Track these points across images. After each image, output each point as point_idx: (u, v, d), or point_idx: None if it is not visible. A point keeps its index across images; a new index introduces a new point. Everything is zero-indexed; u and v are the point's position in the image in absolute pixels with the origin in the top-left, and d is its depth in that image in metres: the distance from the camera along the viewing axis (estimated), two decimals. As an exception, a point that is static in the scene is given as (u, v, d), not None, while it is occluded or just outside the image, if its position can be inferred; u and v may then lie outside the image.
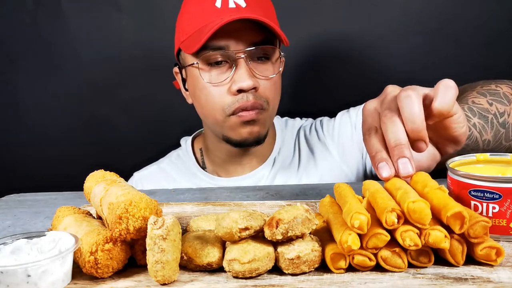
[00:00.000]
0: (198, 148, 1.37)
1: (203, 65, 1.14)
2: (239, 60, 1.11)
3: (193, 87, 1.20)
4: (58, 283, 0.64)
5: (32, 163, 1.73)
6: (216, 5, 1.11)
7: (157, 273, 0.63)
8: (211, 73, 1.14)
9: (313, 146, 1.34)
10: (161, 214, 0.70)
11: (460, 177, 0.74)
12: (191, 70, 1.18)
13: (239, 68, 1.12)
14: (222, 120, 1.16)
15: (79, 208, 0.82)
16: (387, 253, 0.65)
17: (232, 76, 1.12)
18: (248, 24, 1.10)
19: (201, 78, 1.15)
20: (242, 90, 1.12)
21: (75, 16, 1.63)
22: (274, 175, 1.30)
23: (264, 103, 1.15)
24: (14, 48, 1.66)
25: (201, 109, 1.20)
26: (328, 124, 1.35)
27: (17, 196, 1.17)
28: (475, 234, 0.64)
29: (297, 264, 0.65)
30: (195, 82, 1.17)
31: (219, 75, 1.14)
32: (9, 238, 0.70)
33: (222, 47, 1.11)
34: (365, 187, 0.76)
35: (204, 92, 1.16)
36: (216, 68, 1.14)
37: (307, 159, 1.32)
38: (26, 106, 1.70)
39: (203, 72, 1.14)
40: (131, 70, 1.65)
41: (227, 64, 1.14)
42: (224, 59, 1.13)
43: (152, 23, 1.63)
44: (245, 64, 1.12)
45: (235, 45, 1.11)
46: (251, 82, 1.11)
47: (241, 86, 1.11)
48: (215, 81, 1.14)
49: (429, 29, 1.57)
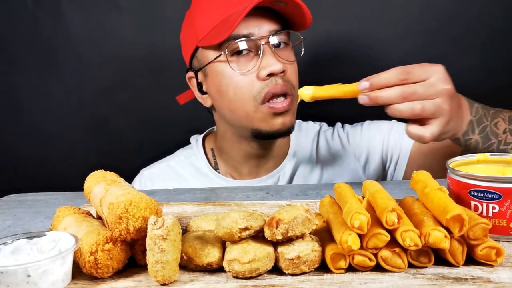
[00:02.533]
0: (210, 148, 1.36)
1: (229, 56, 1.15)
2: (264, 46, 1.13)
3: (217, 84, 1.18)
4: (58, 283, 0.65)
5: (32, 163, 1.73)
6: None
7: (157, 273, 0.63)
8: (238, 63, 1.15)
9: (335, 152, 1.34)
10: (161, 214, 0.70)
11: (460, 177, 0.74)
12: (214, 67, 1.17)
13: (266, 54, 1.13)
14: (253, 110, 1.15)
15: (79, 208, 0.82)
16: (387, 253, 0.65)
17: (260, 63, 1.13)
18: (266, 11, 1.12)
19: (226, 70, 1.15)
20: (272, 74, 1.13)
21: (75, 16, 1.63)
22: (290, 179, 1.30)
23: (291, 88, 1.16)
24: (14, 48, 1.66)
25: (229, 104, 1.18)
26: (354, 133, 1.34)
27: (17, 196, 1.17)
28: (474, 236, 0.64)
29: (297, 264, 0.65)
30: (220, 78, 1.17)
31: (245, 63, 1.14)
32: (9, 238, 0.70)
33: (247, 35, 1.13)
34: (365, 187, 0.76)
35: (232, 84, 1.15)
36: (241, 58, 1.14)
37: (326, 165, 1.32)
38: (26, 106, 1.70)
39: (230, 62, 1.14)
40: (131, 70, 1.65)
41: (251, 53, 1.15)
42: (248, 48, 1.14)
43: (152, 23, 1.63)
44: (269, 49, 1.13)
45: (258, 32, 1.13)
46: (280, 65, 1.12)
47: (271, 70, 1.12)
48: (243, 69, 1.14)
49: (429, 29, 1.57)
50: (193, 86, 1.27)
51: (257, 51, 1.14)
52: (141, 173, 1.39)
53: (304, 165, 1.32)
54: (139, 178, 1.38)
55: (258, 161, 1.28)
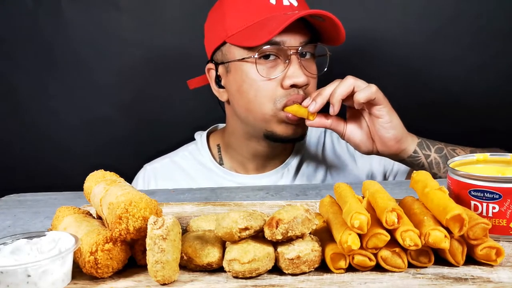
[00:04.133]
0: (215, 144, 1.36)
1: (257, 59, 1.15)
2: (292, 56, 1.14)
3: (239, 82, 1.18)
4: (58, 283, 0.64)
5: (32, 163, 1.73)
6: (271, 1, 1.15)
7: (157, 273, 0.63)
8: (265, 66, 1.15)
9: (340, 156, 1.35)
10: (161, 214, 0.70)
11: (460, 177, 0.74)
12: (238, 65, 1.17)
13: (293, 64, 1.14)
14: (271, 114, 1.16)
15: (79, 208, 0.82)
16: (387, 253, 0.65)
17: (286, 71, 1.14)
18: (299, 22, 1.12)
19: (252, 72, 1.15)
20: (295, 86, 1.14)
21: (75, 16, 1.63)
22: (295, 176, 1.31)
23: None
24: (14, 48, 1.66)
25: (247, 104, 1.18)
26: None
27: (17, 196, 1.16)
28: (474, 236, 0.64)
29: (297, 264, 0.65)
30: (243, 77, 1.17)
31: (272, 69, 1.15)
32: (9, 238, 0.70)
33: (278, 43, 1.13)
34: (365, 187, 0.76)
35: (255, 86, 1.16)
36: (268, 62, 1.15)
37: (331, 167, 1.33)
38: (26, 106, 1.70)
39: (258, 66, 1.15)
40: (131, 70, 1.65)
41: (279, 59, 1.15)
42: (277, 54, 1.15)
43: (152, 23, 1.63)
44: (297, 60, 1.14)
45: (289, 41, 1.13)
46: (305, 78, 1.14)
47: (296, 81, 1.13)
48: (269, 75, 1.15)
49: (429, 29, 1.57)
50: (211, 78, 1.27)
51: (285, 59, 1.15)
52: (144, 168, 1.39)
53: (309, 164, 1.33)
54: (142, 173, 1.38)
55: (265, 158, 1.29)
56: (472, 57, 1.57)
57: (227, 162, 1.33)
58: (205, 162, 1.33)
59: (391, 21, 1.58)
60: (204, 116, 1.46)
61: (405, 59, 1.60)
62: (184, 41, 1.59)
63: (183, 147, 1.41)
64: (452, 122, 1.59)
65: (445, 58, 1.58)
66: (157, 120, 1.69)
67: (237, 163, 1.32)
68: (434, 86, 1.60)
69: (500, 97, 1.58)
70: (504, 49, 1.56)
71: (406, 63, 1.60)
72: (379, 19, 1.58)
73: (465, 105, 1.58)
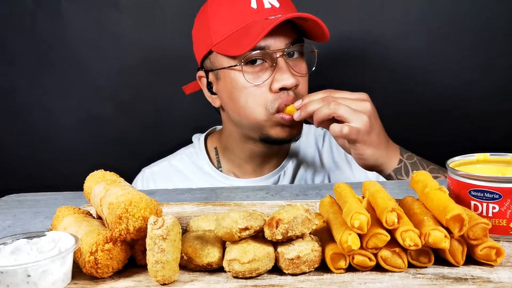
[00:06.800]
0: (213, 147, 1.36)
1: (243, 66, 1.15)
2: (279, 59, 1.13)
3: (229, 89, 1.18)
4: (58, 283, 0.64)
5: (32, 163, 1.73)
6: (252, 6, 1.14)
7: (157, 273, 0.63)
8: (252, 72, 1.15)
9: (338, 161, 1.35)
10: (161, 214, 0.70)
11: (460, 177, 0.74)
12: (226, 72, 1.17)
13: (280, 66, 1.13)
14: (265, 119, 1.16)
15: (79, 208, 0.82)
16: (387, 253, 0.65)
17: (274, 75, 1.14)
18: (283, 23, 1.11)
19: (240, 79, 1.15)
20: (284, 88, 1.14)
21: (75, 16, 1.63)
22: (292, 178, 1.31)
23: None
24: (14, 48, 1.66)
25: (239, 110, 1.18)
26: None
27: (17, 196, 1.16)
28: (474, 236, 0.64)
29: (297, 264, 0.65)
30: (233, 84, 1.17)
31: (260, 74, 1.15)
32: (9, 238, 0.70)
33: (263, 47, 1.12)
34: (365, 187, 0.76)
35: (245, 92, 1.16)
36: (255, 68, 1.15)
37: (330, 171, 1.34)
38: (26, 106, 1.70)
39: (245, 73, 1.14)
40: (131, 70, 1.65)
41: (266, 63, 1.15)
42: (263, 58, 1.15)
43: (152, 23, 1.63)
44: (284, 62, 1.14)
45: (274, 44, 1.13)
46: (293, 80, 1.13)
47: (284, 84, 1.13)
48: (256, 81, 1.14)
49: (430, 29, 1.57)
50: (203, 85, 1.27)
51: (272, 63, 1.14)
52: (143, 171, 1.39)
53: (306, 166, 1.33)
54: (141, 176, 1.38)
55: (263, 159, 1.30)
56: (472, 57, 1.57)
57: (225, 165, 1.33)
58: (203, 166, 1.34)
59: (391, 21, 1.58)
60: (203, 116, 1.46)
61: (405, 59, 1.60)
62: (184, 41, 1.58)
63: (181, 150, 1.41)
64: (452, 123, 1.59)
65: (445, 58, 1.58)
66: (157, 120, 1.69)
67: (234, 166, 1.32)
68: (434, 87, 1.60)
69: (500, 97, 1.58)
70: (504, 49, 1.56)
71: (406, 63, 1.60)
72: (379, 20, 1.58)
73: (465, 107, 1.58)
